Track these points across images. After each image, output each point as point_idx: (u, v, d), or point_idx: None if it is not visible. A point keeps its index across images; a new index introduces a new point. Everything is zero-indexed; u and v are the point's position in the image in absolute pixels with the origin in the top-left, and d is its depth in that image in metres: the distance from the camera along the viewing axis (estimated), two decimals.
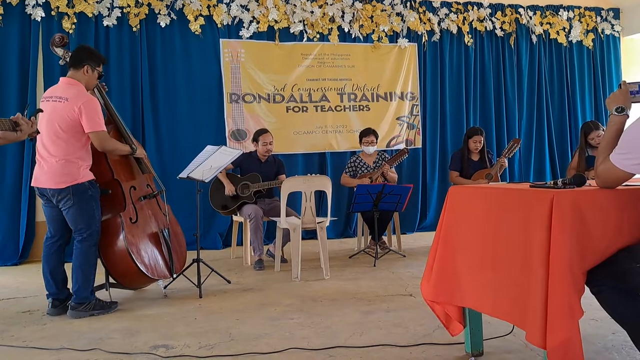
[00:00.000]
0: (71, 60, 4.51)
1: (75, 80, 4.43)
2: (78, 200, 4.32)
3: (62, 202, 4.33)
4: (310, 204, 5.72)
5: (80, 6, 7.12)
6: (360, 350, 3.42)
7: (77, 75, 4.46)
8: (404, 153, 7.06)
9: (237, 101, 7.91)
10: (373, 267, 6.02)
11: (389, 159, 7.06)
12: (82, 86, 4.45)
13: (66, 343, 3.72)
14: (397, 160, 7.03)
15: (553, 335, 2.41)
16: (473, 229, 3.01)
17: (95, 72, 4.55)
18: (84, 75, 4.47)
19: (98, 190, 4.52)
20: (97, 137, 4.38)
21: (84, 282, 4.38)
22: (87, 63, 4.48)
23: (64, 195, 4.29)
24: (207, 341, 3.69)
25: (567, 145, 9.35)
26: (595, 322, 3.81)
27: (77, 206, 4.33)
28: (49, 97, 4.38)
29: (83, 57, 4.50)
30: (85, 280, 4.39)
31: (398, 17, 8.56)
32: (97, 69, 4.56)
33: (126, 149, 4.73)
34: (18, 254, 6.84)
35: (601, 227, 2.55)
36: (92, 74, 4.53)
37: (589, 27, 9.50)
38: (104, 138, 4.43)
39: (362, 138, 7.16)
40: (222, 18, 7.75)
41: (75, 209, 4.33)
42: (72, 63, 4.49)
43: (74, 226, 4.40)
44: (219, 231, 7.75)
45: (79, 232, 4.39)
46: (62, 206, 4.35)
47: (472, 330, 3.23)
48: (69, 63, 4.54)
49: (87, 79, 4.50)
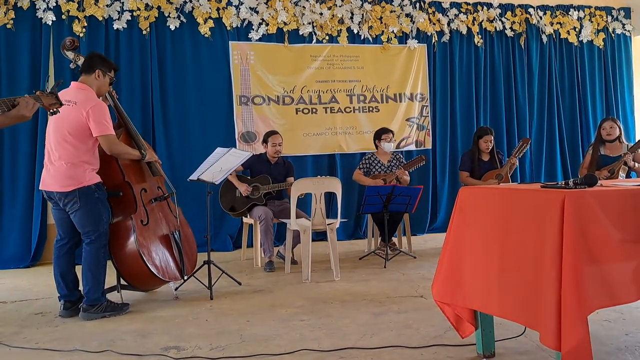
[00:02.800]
0: (83, 66, 4.53)
1: (86, 85, 4.45)
2: (85, 203, 4.33)
3: (69, 205, 4.34)
4: (320, 205, 5.72)
5: (91, 10, 7.15)
6: (371, 352, 3.42)
7: (88, 80, 4.47)
8: (421, 160, 7.00)
9: (246, 103, 7.92)
10: (383, 268, 6.02)
11: (405, 164, 7.03)
12: (93, 91, 4.46)
13: (78, 345, 3.74)
14: (414, 166, 6.99)
15: (567, 338, 2.40)
16: (483, 230, 3.00)
17: (106, 78, 4.57)
18: (95, 80, 4.49)
19: (105, 192, 4.54)
20: (106, 141, 4.40)
21: (94, 284, 4.40)
22: (98, 68, 4.50)
23: (71, 198, 4.31)
24: (218, 343, 3.70)
25: (578, 146, 9.29)
26: (608, 323, 3.79)
27: (84, 209, 4.34)
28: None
29: (95, 62, 4.52)
30: (96, 282, 4.41)
31: (407, 18, 8.55)
32: (109, 74, 4.58)
33: (135, 154, 4.74)
34: (30, 257, 6.87)
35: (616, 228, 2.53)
36: (104, 79, 4.54)
37: (600, 27, 9.45)
38: (112, 142, 4.44)
39: (382, 135, 7.11)
40: (232, 20, 7.76)
41: (82, 212, 4.34)
42: (84, 68, 4.51)
43: (81, 229, 4.41)
44: (229, 233, 7.76)
45: (87, 234, 4.40)
46: (69, 209, 4.36)
47: (484, 331, 3.22)
48: (80, 68, 4.56)
49: (99, 84, 4.52)
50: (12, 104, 3.17)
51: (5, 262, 6.81)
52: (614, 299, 2.58)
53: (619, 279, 2.55)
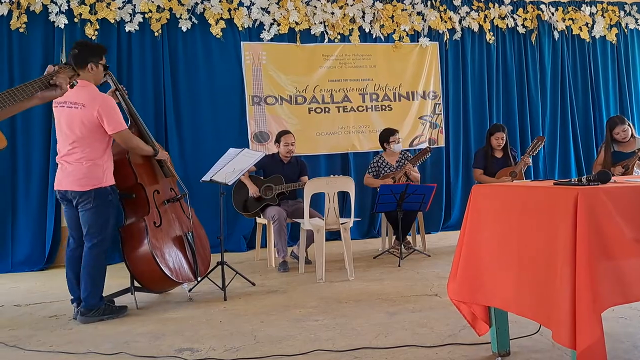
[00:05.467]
0: (75, 62, 4.37)
1: (85, 81, 4.35)
2: (97, 204, 4.34)
3: (82, 204, 4.35)
4: (334, 205, 5.71)
5: (103, 12, 7.17)
6: (385, 352, 3.41)
7: (84, 76, 4.35)
8: (427, 152, 6.98)
9: (259, 103, 7.93)
10: (398, 267, 6.00)
11: (411, 158, 7.01)
12: (93, 85, 4.45)
13: (92, 347, 3.75)
14: (420, 159, 6.98)
15: (582, 335, 2.38)
16: (497, 227, 2.99)
17: (99, 67, 4.50)
18: (89, 73, 4.43)
19: (117, 196, 4.55)
20: (121, 137, 4.42)
21: (93, 289, 4.38)
22: (90, 61, 4.43)
23: (86, 197, 4.32)
24: (232, 344, 3.69)
25: (592, 142, 9.24)
26: (624, 320, 3.76)
27: (95, 209, 4.34)
28: (63, 103, 4.33)
29: (85, 55, 4.43)
30: (94, 287, 4.39)
31: (419, 16, 8.53)
32: (101, 62, 4.51)
33: (148, 149, 4.74)
34: (44, 259, 6.91)
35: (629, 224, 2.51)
36: (97, 69, 4.49)
37: (612, 22, 9.38)
38: (127, 137, 4.47)
39: (389, 137, 7.08)
40: (243, 21, 7.77)
41: (92, 212, 4.35)
42: (77, 64, 4.33)
43: (86, 228, 4.39)
44: (242, 233, 7.77)
45: (90, 236, 4.38)
46: (81, 208, 4.36)
47: (499, 329, 3.20)
48: (73, 64, 4.39)
49: (94, 75, 4.47)
50: (49, 82, 3.16)
51: (19, 265, 6.86)
52: (628, 296, 2.55)
53: (632, 276, 2.52)
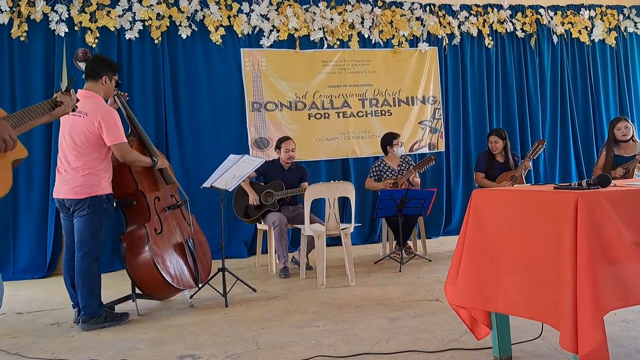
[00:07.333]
0: (88, 72, 4.52)
1: (94, 92, 4.45)
2: (92, 212, 4.34)
3: (77, 211, 4.35)
4: (334, 210, 5.71)
5: (103, 21, 7.18)
6: (387, 357, 3.41)
7: (95, 87, 4.47)
8: (431, 160, 6.96)
9: (259, 110, 7.94)
10: (399, 272, 6.00)
11: (415, 165, 7.01)
12: (101, 97, 4.49)
13: (94, 354, 3.76)
14: (424, 167, 6.97)
15: (584, 340, 2.38)
16: (501, 232, 2.98)
17: (112, 82, 4.58)
18: (102, 86, 4.50)
19: (112, 206, 4.56)
20: (119, 149, 4.42)
21: (90, 298, 4.37)
22: (105, 73, 4.51)
23: (81, 205, 4.32)
24: (234, 350, 3.69)
25: (592, 146, 9.25)
26: (626, 324, 3.76)
27: (88, 217, 4.34)
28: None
29: (101, 67, 4.52)
30: (91, 295, 4.38)
31: (418, 21, 8.55)
32: (114, 77, 4.60)
33: (147, 161, 4.74)
34: (46, 267, 6.90)
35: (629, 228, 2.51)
36: (110, 83, 4.56)
37: (612, 26, 9.40)
38: (125, 150, 4.47)
39: (392, 141, 7.08)
40: (243, 28, 7.79)
41: (86, 219, 4.35)
42: (90, 74, 4.50)
43: (78, 236, 4.39)
44: (243, 240, 7.76)
45: (82, 243, 4.37)
46: (76, 215, 4.37)
47: (500, 334, 3.20)
48: (86, 75, 4.55)
49: (106, 89, 4.54)
50: (55, 104, 3.45)
51: (21, 272, 6.84)
52: (629, 300, 2.56)
53: (633, 279, 2.53)
